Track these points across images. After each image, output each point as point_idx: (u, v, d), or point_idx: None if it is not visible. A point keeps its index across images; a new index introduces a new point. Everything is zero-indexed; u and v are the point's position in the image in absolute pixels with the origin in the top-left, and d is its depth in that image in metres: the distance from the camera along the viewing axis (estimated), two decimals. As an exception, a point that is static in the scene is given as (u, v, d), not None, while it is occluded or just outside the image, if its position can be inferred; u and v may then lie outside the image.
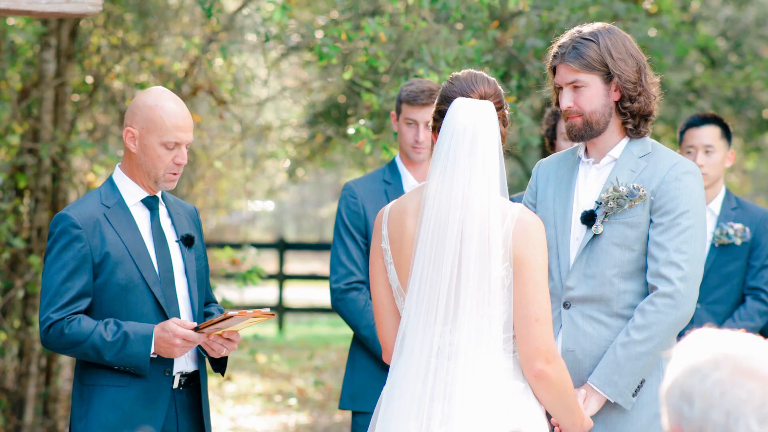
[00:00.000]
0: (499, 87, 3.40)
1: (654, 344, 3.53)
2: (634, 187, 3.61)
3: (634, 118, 3.69)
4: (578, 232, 3.68)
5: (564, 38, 3.70)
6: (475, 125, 3.28)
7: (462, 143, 3.27)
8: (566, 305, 3.67)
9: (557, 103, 3.75)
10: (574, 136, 3.70)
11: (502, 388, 3.24)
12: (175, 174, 3.89)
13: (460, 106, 3.31)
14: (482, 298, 3.22)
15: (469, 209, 3.24)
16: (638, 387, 3.58)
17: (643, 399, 3.60)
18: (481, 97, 3.34)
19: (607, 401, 3.59)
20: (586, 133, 3.68)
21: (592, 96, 3.65)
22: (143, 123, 3.84)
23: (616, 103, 3.68)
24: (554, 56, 3.70)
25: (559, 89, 3.71)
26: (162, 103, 3.85)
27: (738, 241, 5.25)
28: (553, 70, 3.72)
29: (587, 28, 3.69)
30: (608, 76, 3.64)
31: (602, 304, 3.63)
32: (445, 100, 3.35)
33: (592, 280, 3.63)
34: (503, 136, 3.38)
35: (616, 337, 3.58)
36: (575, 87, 3.66)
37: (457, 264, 3.23)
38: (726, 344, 1.84)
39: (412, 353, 3.27)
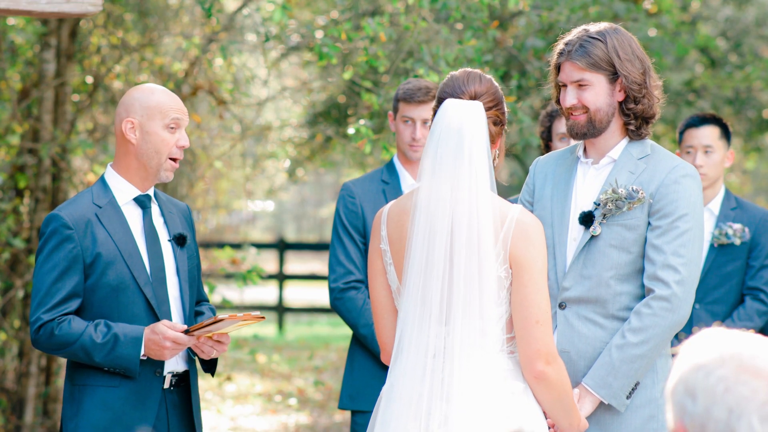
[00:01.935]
0: (495, 84, 3.39)
1: (649, 347, 3.52)
2: (633, 190, 3.59)
3: (636, 120, 3.67)
4: (576, 233, 3.67)
5: (570, 36, 3.67)
6: (461, 126, 3.27)
7: (448, 144, 3.27)
8: (562, 306, 3.66)
9: (557, 101, 3.73)
10: (576, 134, 3.67)
11: (500, 388, 3.23)
12: (175, 160, 3.89)
13: (449, 106, 3.32)
14: (473, 297, 3.21)
15: (457, 209, 3.24)
16: (632, 389, 3.57)
17: (637, 401, 3.59)
18: (472, 97, 3.33)
19: (601, 402, 3.58)
20: (589, 131, 3.66)
21: (596, 94, 3.63)
22: (142, 111, 3.86)
23: (620, 103, 3.66)
24: (560, 53, 3.67)
25: (562, 87, 3.69)
26: (156, 90, 3.92)
27: (737, 241, 5.25)
28: (557, 67, 3.69)
29: (594, 27, 3.66)
30: (614, 76, 3.62)
31: (598, 306, 3.62)
32: (439, 101, 3.37)
33: (588, 281, 3.62)
34: (497, 135, 3.37)
35: (612, 339, 3.58)
36: (580, 85, 3.64)
37: (449, 264, 3.23)
38: (733, 343, 1.84)
39: (409, 353, 3.27)
